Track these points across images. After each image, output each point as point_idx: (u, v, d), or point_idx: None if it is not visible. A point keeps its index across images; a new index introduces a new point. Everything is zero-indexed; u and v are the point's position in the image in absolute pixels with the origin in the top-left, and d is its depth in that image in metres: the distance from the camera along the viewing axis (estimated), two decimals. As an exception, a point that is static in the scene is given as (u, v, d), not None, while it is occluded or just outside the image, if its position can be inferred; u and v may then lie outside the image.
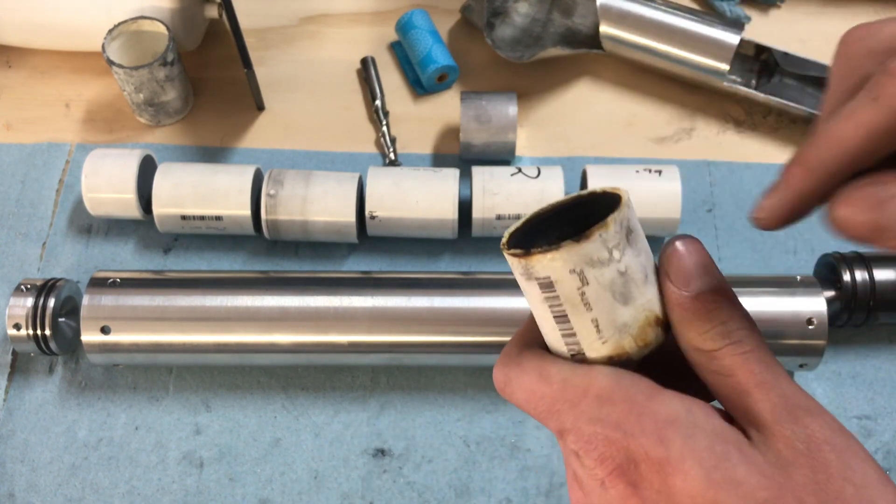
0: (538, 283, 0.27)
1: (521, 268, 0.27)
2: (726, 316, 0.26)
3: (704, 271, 0.27)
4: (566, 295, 0.27)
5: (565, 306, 0.27)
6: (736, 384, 0.26)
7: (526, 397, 0.28)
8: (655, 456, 0.25)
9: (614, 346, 0.28)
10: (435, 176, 0.58)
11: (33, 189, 0.63)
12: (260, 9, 0.72)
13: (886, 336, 0.57)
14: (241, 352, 0.53)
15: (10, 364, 0.56)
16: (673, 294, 0.27)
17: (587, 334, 0.28)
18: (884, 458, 0.53)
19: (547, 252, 0.26)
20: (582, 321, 0.27)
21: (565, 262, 0.26)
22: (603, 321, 0.27)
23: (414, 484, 0.53)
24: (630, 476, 0.26)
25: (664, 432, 0.25)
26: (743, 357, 0.26)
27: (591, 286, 0.27)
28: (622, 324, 0.28)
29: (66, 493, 0.52)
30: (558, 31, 0.66)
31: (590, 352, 0.28)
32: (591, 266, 0.26)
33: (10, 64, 0.69)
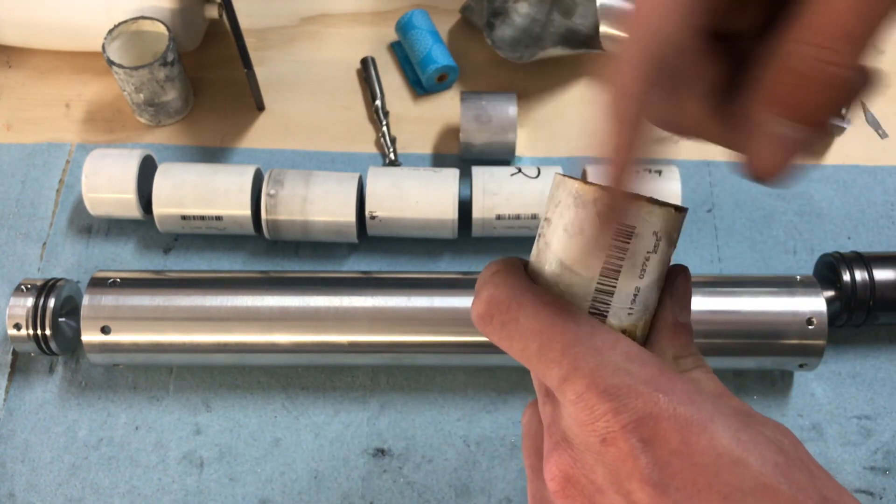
0: (618, 228, 0.26)
1: (609, 206, 0.26)
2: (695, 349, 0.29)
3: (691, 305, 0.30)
4: (635, 252, 0.26)
5: (625, 263, 0.27)
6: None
7: (537, 329, 0.26)
8: (684, 414, 0.24)
9: (633, 323, 0.28)
10: (435, 176, 0.58)
11: (33, 189, 0.63)
12: (260, 9, 0.72)
13: (886, 336, 0.57)
14: (241, 352, 0.53)
15: (10, 364, 0.56)
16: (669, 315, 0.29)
17: (623, 298, 0.27)
18: (883, 459, 0.53)
19: (652, 203, 0.26)
20: (628, 283, 0.27)
21: (660, 220, 0.26)
22: (642, 294, 0.28)
23: (414, 484, 0.53)
24: (645, 432, 0.24)
25: (695, 395, 0.25)
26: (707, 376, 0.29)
27: (656, 256, 0.27)
28: (648, 305, 0.28)
29: (67, 492, 0.52)
30: (558, 32, 0.66)
31: (612, 317, 0.27)
32: (666, 238, 0.27)
33: (10, 64, 0.69)
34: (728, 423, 0.25)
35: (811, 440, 0.54)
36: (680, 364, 0.29)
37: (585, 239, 0.27)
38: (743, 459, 0.24)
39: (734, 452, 0.24)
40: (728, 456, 0.24)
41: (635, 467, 0.24)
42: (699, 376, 0.28)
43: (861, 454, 0.53)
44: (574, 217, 0.27)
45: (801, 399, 0.55)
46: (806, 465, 0.25)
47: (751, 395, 0.55)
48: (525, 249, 0.61)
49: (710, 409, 0.25)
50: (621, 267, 0.27)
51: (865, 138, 0.65)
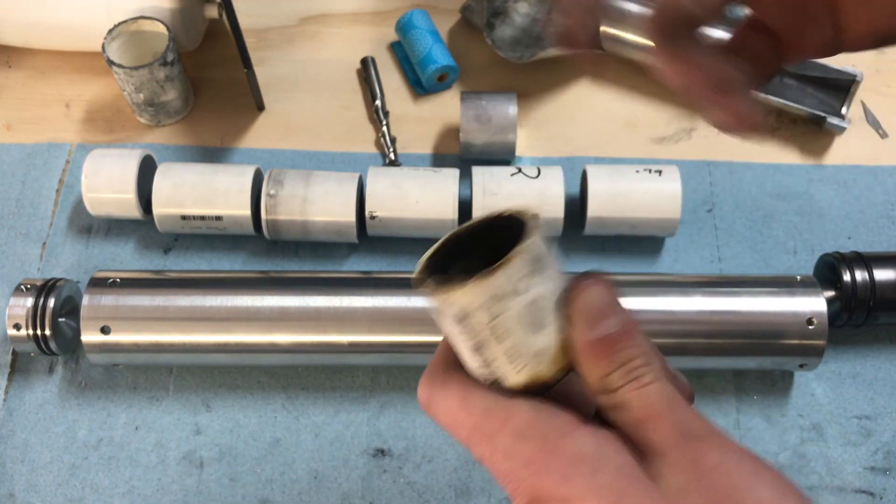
0: (451, 317, 0.27)
1: (433, 302, 0.27)
2: (627, 356, 0.27)
3: (607, 313, 0.27)
4: (478, 328, 0.27)
5: (480, 338, 0.27)
6: (633, 417, 0.27)
7: (447, 422, 0.29)
8: (559, 494, 0.26)
9: (530, 374, 0.28)
10: (435, 176, 0.58)
11: (33, 189, 0.63)
12: (260, 9, 0.72)
13: (886, 336, 0.57)
14: (241, 352, 0.53)
15: (10, 364, 0.56)
16: (577, 339, 0.27)
17: (502, 364, 0.28)
18: (884, 458, 0.53)
19: (454, 289, 0.26)
20: (495, 352, 0.28)
21: (474, 298, 0.26)
22: (516, 351, 0.27)
23: (414, 484, 0.53)
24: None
25: (569, 470, 0.26)
26: (641, 391, 0.27)
27: (500, 319, 0.27)
28: (536, 351, 0.28)
29: (66, 493, 0.52)
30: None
31: (508, 380, 0.28)
32: (498, 301, 0.26)
33: (10, 64, 0.69)
34: (601, 497, 0.25)
35: (811, 440, 0.54)
36: (607, 383, 0.27)
37: (445, 329, 0.29)
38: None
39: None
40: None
41: None
42: (626, 397, 0.27)
43: (861, 454, 0.53)
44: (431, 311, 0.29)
45: (802, 399, 0.55)
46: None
47: (751, 395, 0.55)
48: (525, 249, 0.60)
49: (583, 485, 0.25)
50: (480, 342, 0.27)
51: (865, 138, 0.65)
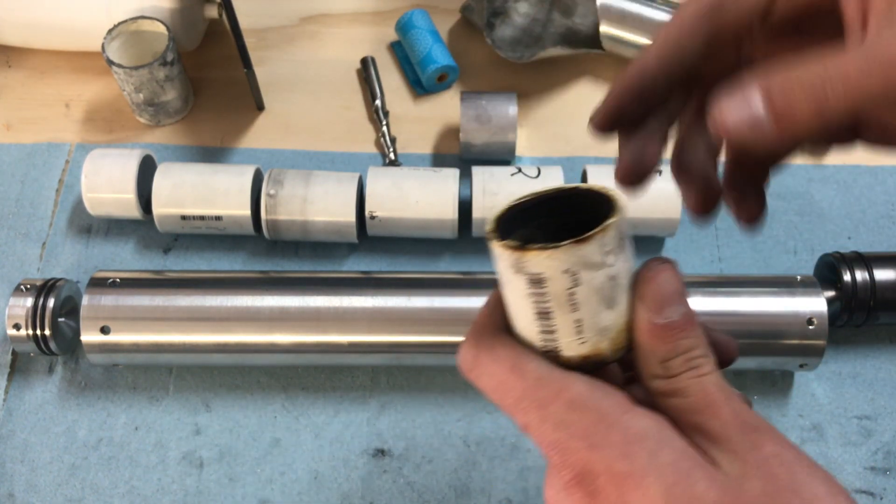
0: (527, 278, 0.27)
1: (511, 260, 0.27)
2: (688, 345, 0.27)
3: (677, 300, 0.27)
4: (555, 294, 0.27)
5: (551, 304, 0.27)
6: (691, 403, 0.27)
7: (494, 386, 0.28)
8: (618, 470, 0.25)
9: (591, 348, 0.28)
10: (435, 176, 0.58)
11: (33, 189, 0.63)
12: (260, 9, 0.72)
13: (886, 336, 0.57)
14: (241, 352, 0.52)
15: (9, 364, 0.56)
16: (643, 320, 0.27)
17: (567, 333, 0.28)
18: (884, 459, 0.53)
19: (545, 250, 0.26)
20: (565, 320, 0.27)
21: (562, 262, 0.26)
22: (586, 323, 0.27)
23: (414, 484, 0.53)
24: (588, 487, 0.26)
25: (630, 447, 0.25)
26: (699, 380, 0.27)
27: (581, 288, 0.27)
28: (603, 327, 0.28)
29: (66, 493, 0.52)
30: (558, 31, 0.66)
31: (566, 350, 0.28)
32: (585, 269, 0.26)
33: (10, 64, 0.69)
34: (662, 476, 0.25)
35: (811, 440, 0.54)
36: (668, 368, 0.27)
37: (511, 289, 0.28)
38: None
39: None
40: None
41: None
42: (685, 384, 0.27)
43: (861, 454, 0.53)
44: (498, 269, 0.28)
45: (802, 399, 0.55)
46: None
47: (751, 395, 0.55)
48: (525, 249, 0.60)
49: (644, 462, 0.25)
50: (550, 308, 0.27)
51: (866, 138, 0.65)
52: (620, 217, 0.27)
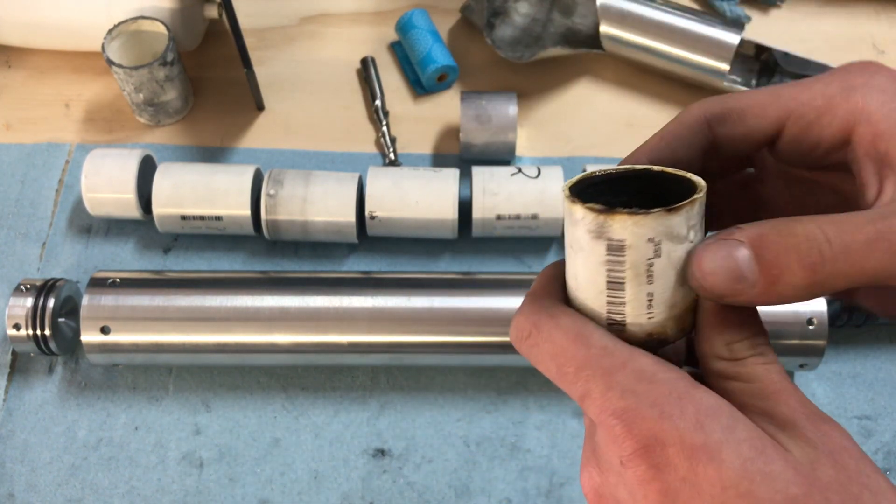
0: (608, 243, 0.26)
1: (593, 224, 0.26)
2: (755, 330, 0.27)
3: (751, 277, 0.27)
4: (633, 263, 0.26)
5: (627, 274, 0.26)
6: (757, 389, 0.26)
7: (554, 353, 0.27)
8: (690, 441, 0.24)
9: (658, 325, 0.27)
10: (435, 176, 0.58)
11: (33, 189, 0.63)
12: (260, 9, 0.72)
13: (887, 336, 0.57)
14: (241, 352, 0.52)
15: (9, 364, 0.56)
16: (709, 303, 0.27)
17: (637, 306, 0.27)
18: (884, 459, 0.53)
19: (633, 215, 0.25)
20: (637, 292, 0.27)
21: (649, 229, 0.26)
22: (657, 297, 0.27)
23: (414, 484, 0.53)
24: (654, 458, 0.24)
25: (705, 419, 0.24)
26: (766, 367, 0.26)
27: (660, 260, 0.26)
28: (673, 303, 0.27)
29: (66, 493, 0.52)
30: (558, 31, 0.66)
31: (632, 325, 0.27)
32: (669, 240, 0.26)
33: (10, 64, 0.69)
34: (738, 451, 0.24)
35: (812, 440, 0.54)
36: (733, 350, 0.26)
37: (585, 256, 0.27)
38: (751, 492, 0.23)
39: (741, 485, 0.23)
40: (734, 489, 0.23)
41: (649, 492, 0.24)
42: (751, 369, 0.26)
43: (861, 454, 0.53)
44: (572, 235, 0.27)
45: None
46: (838, 493, 0.24)
47: (751, 395, 0.55)
48: (525, 249, 0.60)
49: (719, 436, 0.24)
50: (624, 278, 0.26)
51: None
52: (704, 194, 0.26)
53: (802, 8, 0.72)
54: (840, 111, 0.27)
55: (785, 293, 0.24)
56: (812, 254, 0.24)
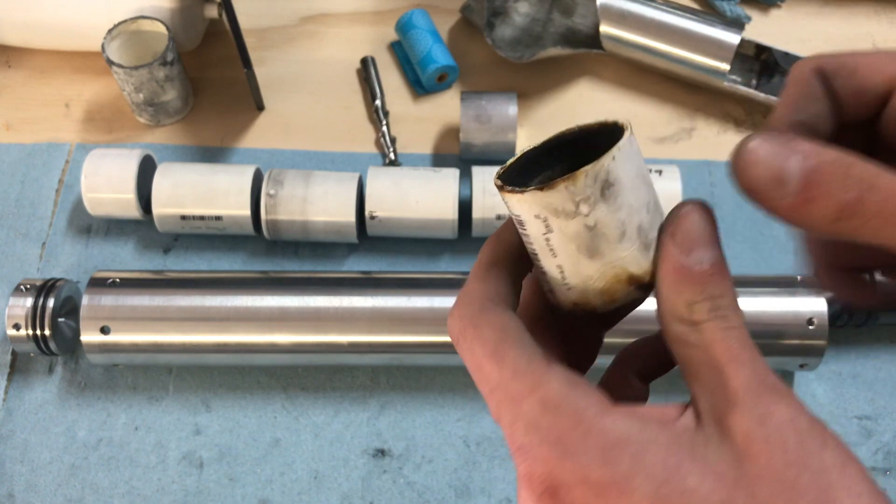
0: (514, 218, 0.27)
1: (502, 199, 0.27)
2: (719, 290, 0.25)
3: (709, 241, 0.26)
4: (534, 236, 0.27)
5: (535, 246, 0.27)
6: (709, 358, 0.25)
7: (472, 368, 0.26)
8: (597, 478, 0.23)
9: (579, 295, 0.27)
10: (435, 176, 0.58)
11: (33, 189, 0.63)
12: (260, 9, 0.72)
13: (887, 336, 0.57)
14: (241, 352, 0.52)
15: (9, 364, 0.56)
16: (671, 256, 0.25)
17: (554, 277, 0.27)
18: (884, 459, 0.53)
19: (513, 192, 0.26)
20: (548, 264, 0.27)
21: (530, 206, 0.26)
22: (567, 269, 0.27)
23: (414, 484, 0.53)
24: (562, 498, 0.24)
25: (611, 451, 0.23)
26: (724, 332, 0.25)
27: (554, 234, 0.26)
28: (587, 276, 0.27)
29: (66, 493, 0.52)
30: (558, 31, 0.66)
31: (557, 294, 0.28)
32: (555, 216, 0.26)
33: (10, 64, 0.69)
34: (649, 477, 0.23)
35: (812, 440, 0.54)
36: (693, 311, 0.25)
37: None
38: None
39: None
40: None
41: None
42: (708, 335, 0.25)
43: (862, 455, 0.53)
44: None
45: (802, 399, 0.55)
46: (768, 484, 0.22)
47: (751, 395, 0.55)
48: (525, 249, 0.60)
49: (627, 466, 0.23)
50: (535, 250, 0.27)
51: (866, 138, 0.65)
52: (601, 165, 0.25)
53: (802, 8, 0.72)
54: None
55: (811, 219, 0.23)
56: (852, 193, 0.23)
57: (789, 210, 0.23)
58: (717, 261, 0.25)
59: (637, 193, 0.26)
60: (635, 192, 0.26)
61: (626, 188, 0.26)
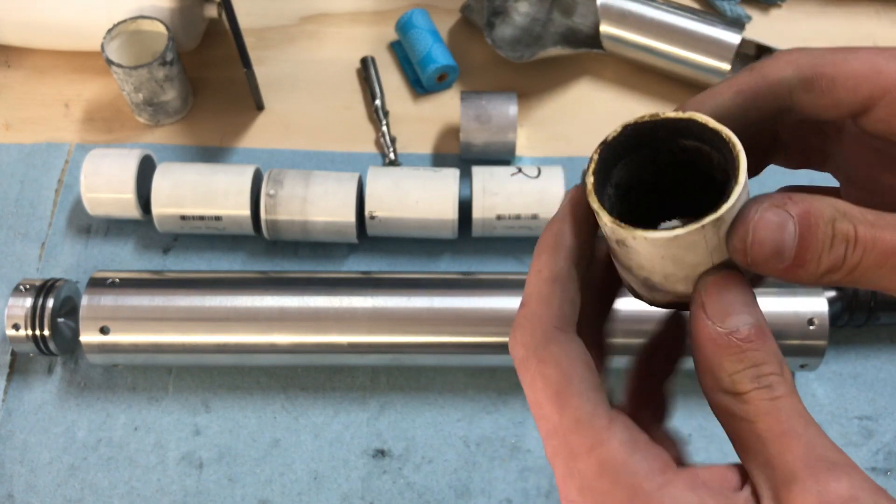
0: (610, 239, 0.26)
1: (606, 229, 0.25)
2: (761, 358, 0.24)
3: (744, 307, 0.24)
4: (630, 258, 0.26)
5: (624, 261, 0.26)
6: (759, 432, 0.23)
7: (531, 402, 0.25)
8: None
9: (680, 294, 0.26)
10: (435, 176, 0.58)
11: (32, 189, 0.63)
12: (260, 8, 0.72)
13: (887, 336, 0.57)
14: (240, 352, 0.52)
15: (9, 364, 0.56)
16: (705, 327, 0.24)
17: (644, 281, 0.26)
18: (885, 459, 0.53)
19: (641, 234, 0.24)
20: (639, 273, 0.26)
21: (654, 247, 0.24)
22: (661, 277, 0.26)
23: (414, 484, 0.52)
24: None
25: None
26: (771, 403, 0.23)
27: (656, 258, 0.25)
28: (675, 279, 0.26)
29: (66, 493, 0.52)
30: (558, 31, 0.66)
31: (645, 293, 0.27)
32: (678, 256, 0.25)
33: (10, 64, 0.69)
34: None
35: (812, 441, 0.54)
36: (733, 383, 0.24)
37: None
38: None
39: None
40: None
41: None
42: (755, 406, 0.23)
43: (862, 455, 0.53)
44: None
45: (803, 399, 0.55)
46: None
47: (752, 395, 0.55)
48: (525, 250, 0.60)
49: None
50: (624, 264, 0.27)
51: (866, 138, 0.65)
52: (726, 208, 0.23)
53: (803, 8, 0.72)
54: None
55: (802, 279, 0.23)
56: (837, 252, 0.23)
57: (783, 273, 0.23)
58: (754, 325, 0.24)
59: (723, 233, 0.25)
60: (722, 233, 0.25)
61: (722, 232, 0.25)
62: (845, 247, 0.23)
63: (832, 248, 0.23)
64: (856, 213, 0.23)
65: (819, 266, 0.23)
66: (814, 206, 0.23)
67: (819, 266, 0.23)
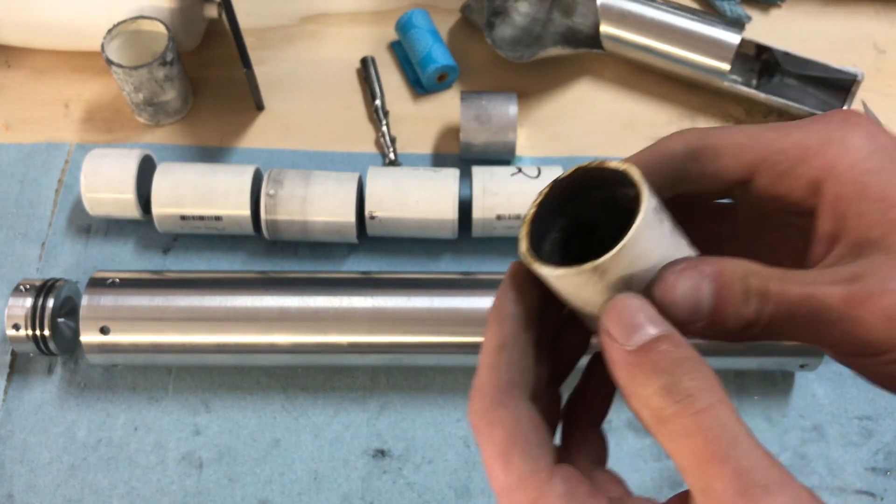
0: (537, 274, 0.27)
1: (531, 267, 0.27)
2: (674, 366, 0.23)
3: (646, 320, 0.24)
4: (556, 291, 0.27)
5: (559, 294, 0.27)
6: (688, 462, 0.22)
7: (485, 464, 0.27)
8: None
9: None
10: (435, 176, 0.58)
11: (32, 189, 0.63)
12: (260, 8, 0.72)
13: (887, 336, 0.57)
14: (240, 352, 0.52)
15: (9, 364, 0.56)
16: (614, 350, 0.24)
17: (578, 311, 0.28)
18: (885, 459, 0.53)
19: (543, 267, 0.26)
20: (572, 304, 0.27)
21: (558, 280, 0.26)
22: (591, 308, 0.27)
23: (414, 485, 0.52)
24: None
25: None
26: (694, 421, 0.22)
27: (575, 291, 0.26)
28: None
29: (65, 493, 0.52)
30: (558, 31, 0.66)
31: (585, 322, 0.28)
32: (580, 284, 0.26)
33: (10, 64, 0.69)
34: None
35: (812, 441, 0.54)
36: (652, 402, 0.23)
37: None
38: None
39: None
40: None
41: None
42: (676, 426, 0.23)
43: (862, 455, 0.53)
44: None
45: (803, 400, 0.55)
46: None
47: (752, 395, 0.55)
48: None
49: None
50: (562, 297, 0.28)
51: (866, 138, 0.65)
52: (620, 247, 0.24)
53: (803, 8, 0.72)
54: (814, 163, 0.26)
55: (725, 334, 0.25)
56: (752, 305, 0.25)
57: (705, 331, 0.25)
58: (662, 334, 0.24)
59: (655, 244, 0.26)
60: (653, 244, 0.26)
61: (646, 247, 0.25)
62: (758, 301, 0.25)
63: (746, 303, 0.25)
64: (764, 271, 0.25)
65: (738, 320, 0.25)
66: (726, 265, 0.25)
67: (738, 320, 0.25)
